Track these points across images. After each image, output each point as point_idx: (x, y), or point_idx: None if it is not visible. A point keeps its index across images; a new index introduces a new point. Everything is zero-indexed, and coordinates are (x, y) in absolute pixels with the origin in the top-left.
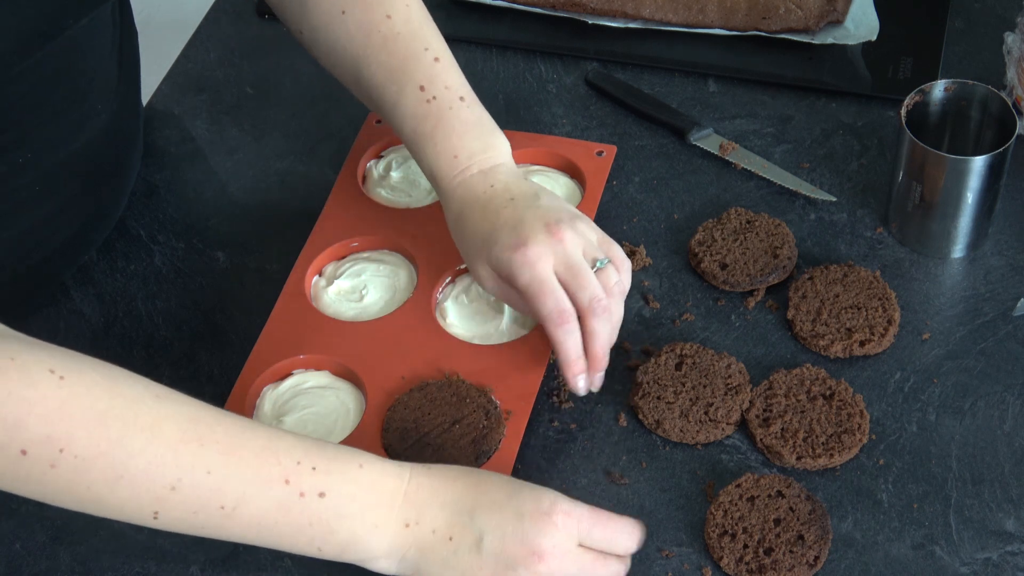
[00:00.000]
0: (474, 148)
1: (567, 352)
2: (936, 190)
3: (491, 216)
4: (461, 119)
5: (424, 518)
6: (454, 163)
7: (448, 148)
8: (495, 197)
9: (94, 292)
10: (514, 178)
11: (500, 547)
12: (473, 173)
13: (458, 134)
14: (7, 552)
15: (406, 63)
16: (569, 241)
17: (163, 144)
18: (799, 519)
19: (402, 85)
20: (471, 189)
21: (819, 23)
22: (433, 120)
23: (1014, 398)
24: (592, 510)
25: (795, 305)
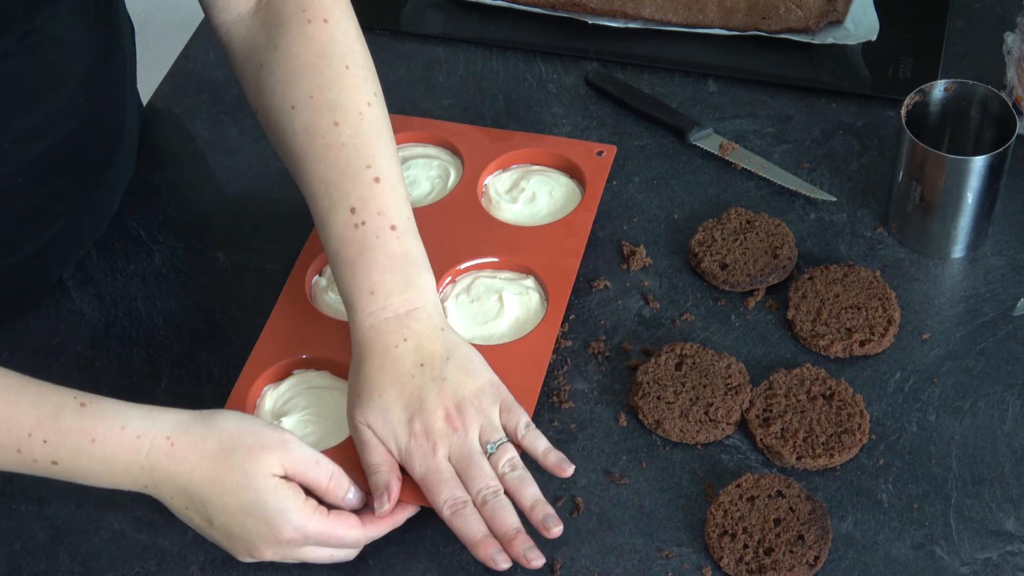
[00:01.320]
0: (393, 287)
1: (468, 537)
2: (936, 190)
3: (395, 383)
4: (387, 251)
5: (161, 491)
6: (370, 299)
7: (367, 282)
8: (403, 358)
9: (94, 292)
10: (429, 331)
11: (229, 529)
12: (387, 316)
13: (380, 268)
14: (7, 552)
15: (343, 179)
16: (466, 430)
17: (163, 144)
18: (799, 519)
19: (334, 202)
20: (381, 337)
21: (819, 23)
22: (357, 248)
23: (1014, 398)
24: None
25: (795, 305)
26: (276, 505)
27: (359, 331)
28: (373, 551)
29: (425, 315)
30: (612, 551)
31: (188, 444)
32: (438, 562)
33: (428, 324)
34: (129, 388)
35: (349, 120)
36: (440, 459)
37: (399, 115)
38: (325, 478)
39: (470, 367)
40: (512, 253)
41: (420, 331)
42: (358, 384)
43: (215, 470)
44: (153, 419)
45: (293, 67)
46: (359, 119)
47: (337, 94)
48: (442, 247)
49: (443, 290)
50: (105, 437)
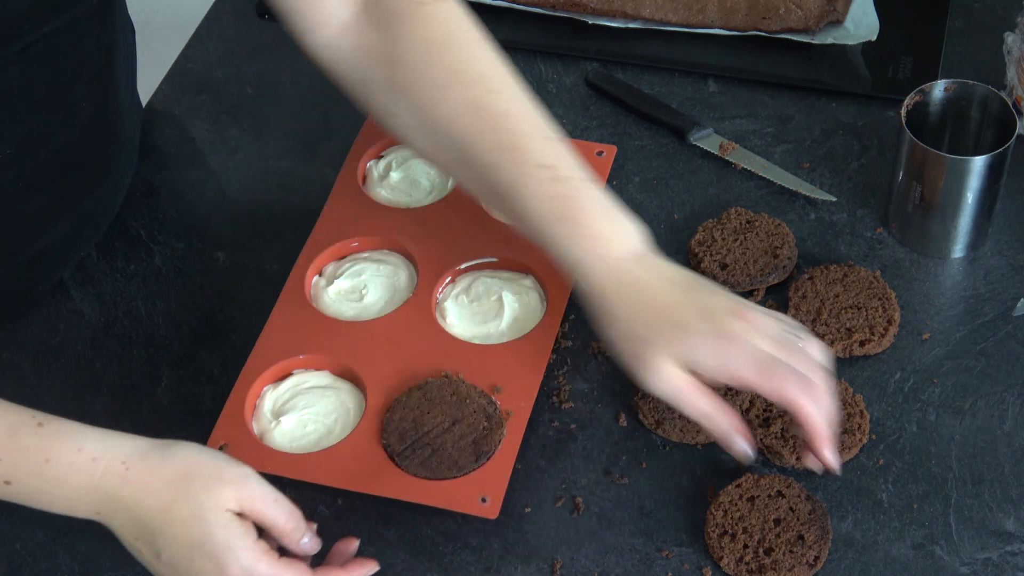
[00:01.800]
0: (615, 231)
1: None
2: (936, 190)
3: (668, 302)
4: (593, 199)
5: (113, 518)
6: (600, 243)
7: (590, 229)
8: (659, 283)
9: (94, 292)
10: (667, 263)
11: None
12: (623, 256)
13: (598, 215)
14: (7, 552)
15: (523, 141)
16: (759, 322)
17: (163, 144)
18: (799, 519)
19: (521, 164)
20: (628, 272)
21: (819, 23)
22: (564, 201)
23: (1014, 398)
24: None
25: (795, 305)
26: (226, 541)
27: (600, 276)
28: (373, 552)
29: (654, 254)
30: (612, 551)
31: (144, 470)
32: (438, 562)
33: (663, 258)
34: (129, 388)
35: (504, 87)
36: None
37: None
38: (283, 517)
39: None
40: (512, 253)
41: (661, 265)
42: (631, 331)
43: (168, 499)
44: (111, 443)
45: (428, 50)
46: (510, 86)
47: (481, 66)
48: (442, 247)
49: (443, 290)
50: (60, 458)
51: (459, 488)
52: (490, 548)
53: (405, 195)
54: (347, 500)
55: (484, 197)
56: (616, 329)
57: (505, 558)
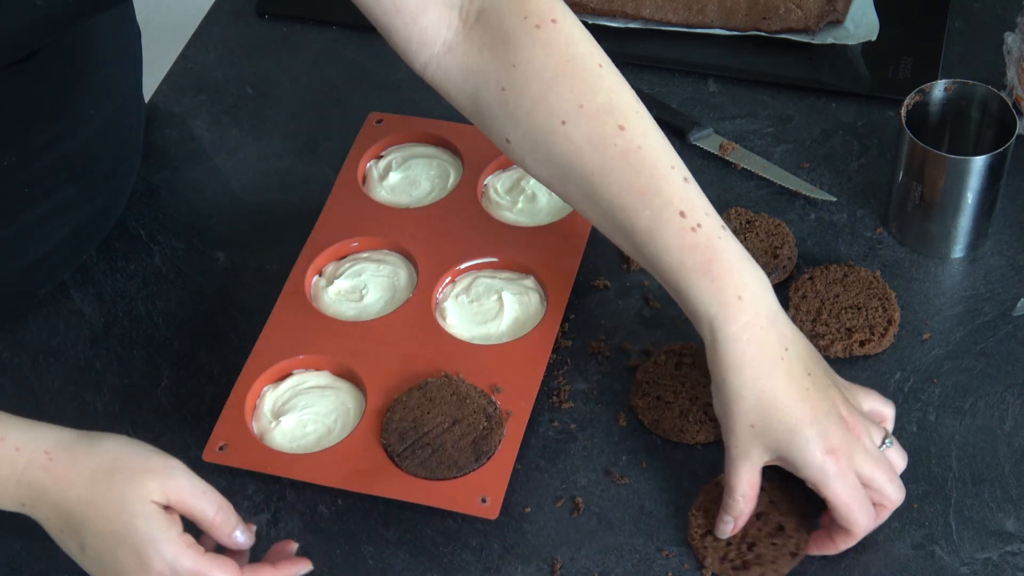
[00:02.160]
0: (755, 289)
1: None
2: (936, 190)
3: (790, 398)
4: (733, 253)
5: (37, 510)
6: (739, 305)
7: (730, 286)
8: (792, 371)
9: (94, 292)
10: (798, 338)
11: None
12: (763, 325)
13: (736, 271)
14: (7, 552)
15: (658, 184)
16: (865, 437)
17: (163, 144)
18: (778, 510)
19: (658, 209)
20: (764, 347)
21: (819, 23)
22: (705, 252)
23: (1014, 398)
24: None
25: (795, 305)
26: (148, 533)
27: (736, 343)
28: (373, 551)
29: (783, 317)
30: (612, 551)
31: (67, 461)
32: (438, 562)
33: (793, 329)
34: (129, 388)
35: (632, 121)
36: (854, 478)
37: (399, 115)
38: (211, 510)
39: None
40: (512, 253)
41: (794, 341)
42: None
43: (92, 490)
44: (35, 433)
45: (546, 79)
46: (640, 118)
47: (606, 96)
48: (442, 247)
49: (443, 290)
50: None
51: (459, 488)
52: (490, 548)
53: (405, 195)
54: (347, 500)
55: (611, 235)
56: (732, 405)
57: (505, 558)
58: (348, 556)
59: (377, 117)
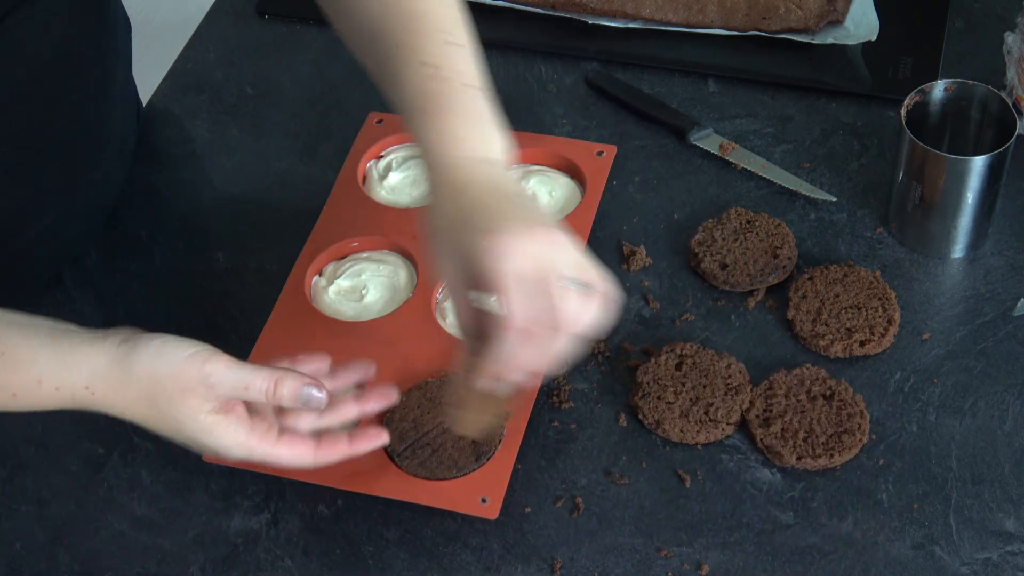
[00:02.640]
0: (471, 135)
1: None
2: (936, 190)
3: (483, 201)
4: (466, 104)
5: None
6: (450, 143)
7: (446, 128)
8: (491, 186)
9: (94, 292)
10: (514, 177)
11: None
12: (475, 157)
13: (459, 117)
14: (7, 552)
15: (423, 40)
16: (557, 247)
17: (163, 144)
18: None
19: (408, 61)
20: (468, 172)
21: (819, 23)
22: (436, 97)
23: (1014, 398)
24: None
25: (795, 305)
26: (214, 443)
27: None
28: (373, 551)
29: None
30: (612, 551)
31: (109, 391)
32: (438, 562)
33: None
34: None
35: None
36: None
37: (399, 115)
38: (262, 395)
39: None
40: None
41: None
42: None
43: (146, 413)
44: (68, 369)
45: None
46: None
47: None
48: None
49: (443, 290)
50: (26, 392)
51: (459, 488)
52: (490, 548)
53: (405, 195)
54: (347, 500)
55: (381, 89)
56: (431, 220)
57: (505, 558)
58: (348, 556)
59: (377, 117)
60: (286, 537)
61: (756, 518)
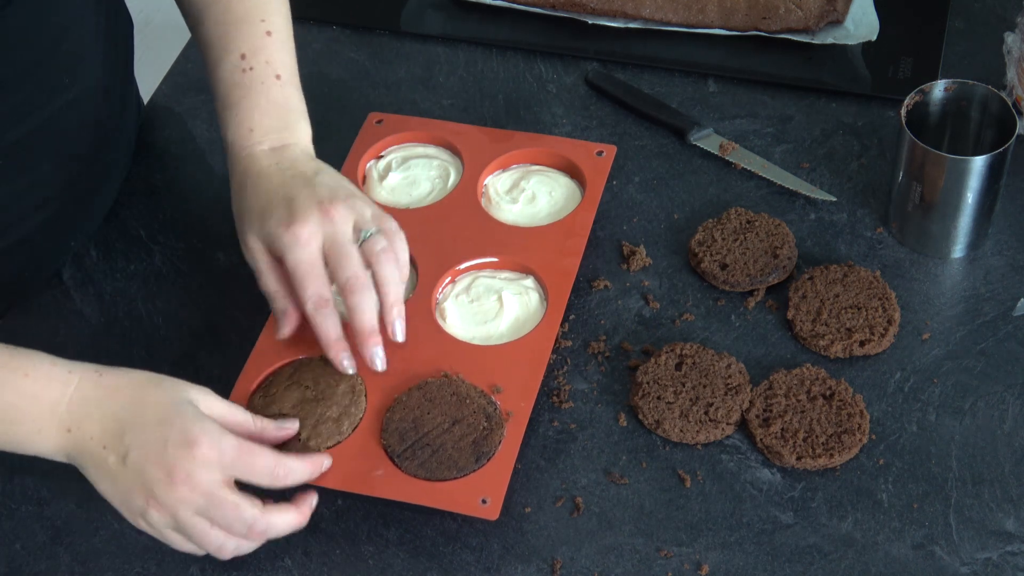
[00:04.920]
0: (271, 127)
1: (324, 335)
2: (936, 190)
3: (269, 190)
4: (269, 96)
5: (83, 427)
6: (248, 136)
7: (247, 120)
8: (276, 173)
9: (94, 292)
10: (302, 158)
11: (142, 465)
12: (263, 148)
13: (261, 110)
14: (7, 552)
15: (237, 28)
16: (339, 219)
17: (163, 144)
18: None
19: (226, 48)
20: (256, 162)
21: (819, 23)
22: (243, 91)
23: (1014, 398)
24: (240, 447)
25: (795, 305)
26: (195, 415)
27: (236, 162)
28: (373, 551)
29: (298, 149)
30: (612, 551)
31: (116, 373)
32: (438, 562)
33: (301, 155)
34: None
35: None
36: (312, 250)
37: (399, 115)
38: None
39: (342, 181)
40: (512, 253)
41: (293, 157)
42: (240, 211)
43: (141, 392)
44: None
45: None
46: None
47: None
48: (442, 247)
49: (443, 290)
50: (37, 371)
51: (459, 489)
52: (490, 548)
53: (405, 195)
54: (347, 500)
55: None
56: (235, 212)
57: (505, 558)
58: (348, 556)
59: (377, 117)
60: (286, 537)
61: (756, 518)
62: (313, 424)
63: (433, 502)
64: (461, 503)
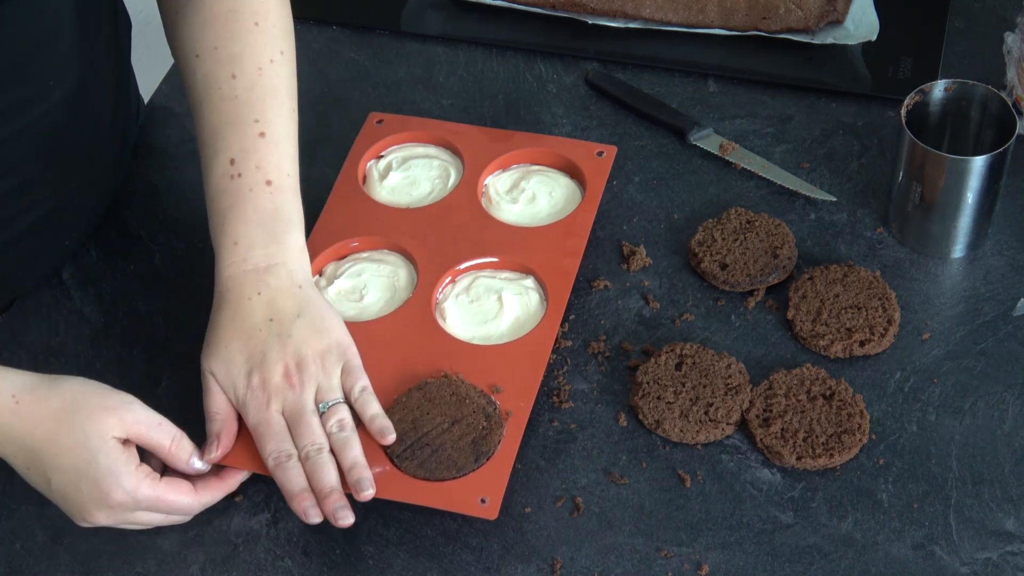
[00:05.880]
0: (256, 240)
1: (286, 489)
2: (936, 190)
3: (244, 330)
4: (256, 206)
5: (5, 448)
6: (232, 250)
7: (233, 233)
8: (253, 312)
9: (94, 292)
10: (285, 288)
11: (65, 493)
12: (246, 269)
13: (247, 221)
14: (7, 552)
15: (228, 130)
16: (303, 387)
17: (163, 144)
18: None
19: (216, 151)
20: (236, 288)
21: (819, 23)
22: (230, 199)
23: (1014, 398)
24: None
25: (795, 305)
26: (108, 467)
27: (219, 281)
28: (373, 551)
29: (284, 271)
30: (612, 551)
31: (33, 403)
32: (438, 562)
33: (286, 280)
34: (129, 388)
35: (247, 74)
36: (272, 412)
37: (399, 115)
38: (167, 441)
39: (320, 326)
40: (512, 253)
41: (276, 286)
42: (210, 332)
43: (56, 429)
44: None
45: (204, 18)
46: (257, 74)
47: (240, 48)
48: (442, 247)
49: (443, 290)
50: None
51: (459, 489)
52: (490, 548)
53: (405, 195)
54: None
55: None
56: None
57: (505, 558)
58: (348, 556)
59: (377, 117)
60: (286, 537)
61: (756, 518)
62: None
63: (433, 502)
64: (460, 503)
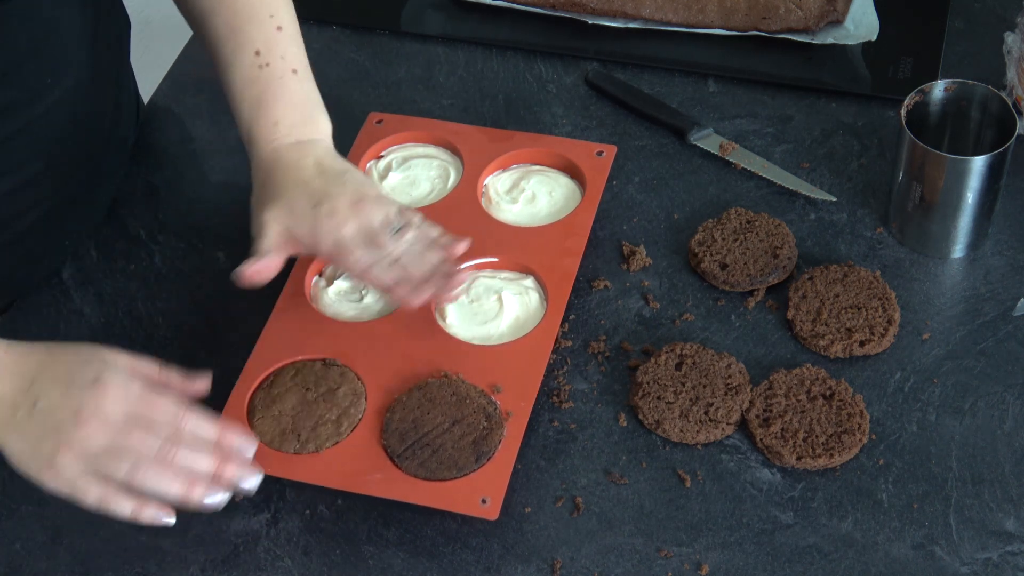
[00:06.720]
0: (295, 120)
1: (381, 283)
2: (936, 190)
3: (300, 181)
4: (289, 90)
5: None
6: (274, 129)
7: (271, 114)
8: (305, 167)
9: (94, 292)
10: (327, 155)
11: (49, 409)
12: (289, 143)
13: (283, 104)
14: (7, 552)
15: (249, 25)
16: (371, 214)
17: (163, 144)
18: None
19: (240, 44)
20: (283, 156)
21: (819, 23)
22: (261, 86)
23: (1014, 398)
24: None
25: (795, 305)
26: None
27: (261, 157)
28: (373, 551)
29: (322, 147)
30: (612, 551)
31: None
32: (438, 562)
33: (325, 152)
34: None
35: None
36: (348, 232)
37: (399, 115)
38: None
39: (367, 179)
40: (512, 253)
41: (321, 153)
42: (261, 192)
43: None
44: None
45: None
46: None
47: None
48: None
49: None
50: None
51: (459, 489)
52: (490, 548)
53: (405, 195)
54: (347, 500)
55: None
56: (257, 202)
57: (505, 558)
58: (348, 556)
59: (377, 117)
60: (286, 537)
61: (756, 518)
62: (312, 426)
63: (433, 502)
64: (461, 503)
